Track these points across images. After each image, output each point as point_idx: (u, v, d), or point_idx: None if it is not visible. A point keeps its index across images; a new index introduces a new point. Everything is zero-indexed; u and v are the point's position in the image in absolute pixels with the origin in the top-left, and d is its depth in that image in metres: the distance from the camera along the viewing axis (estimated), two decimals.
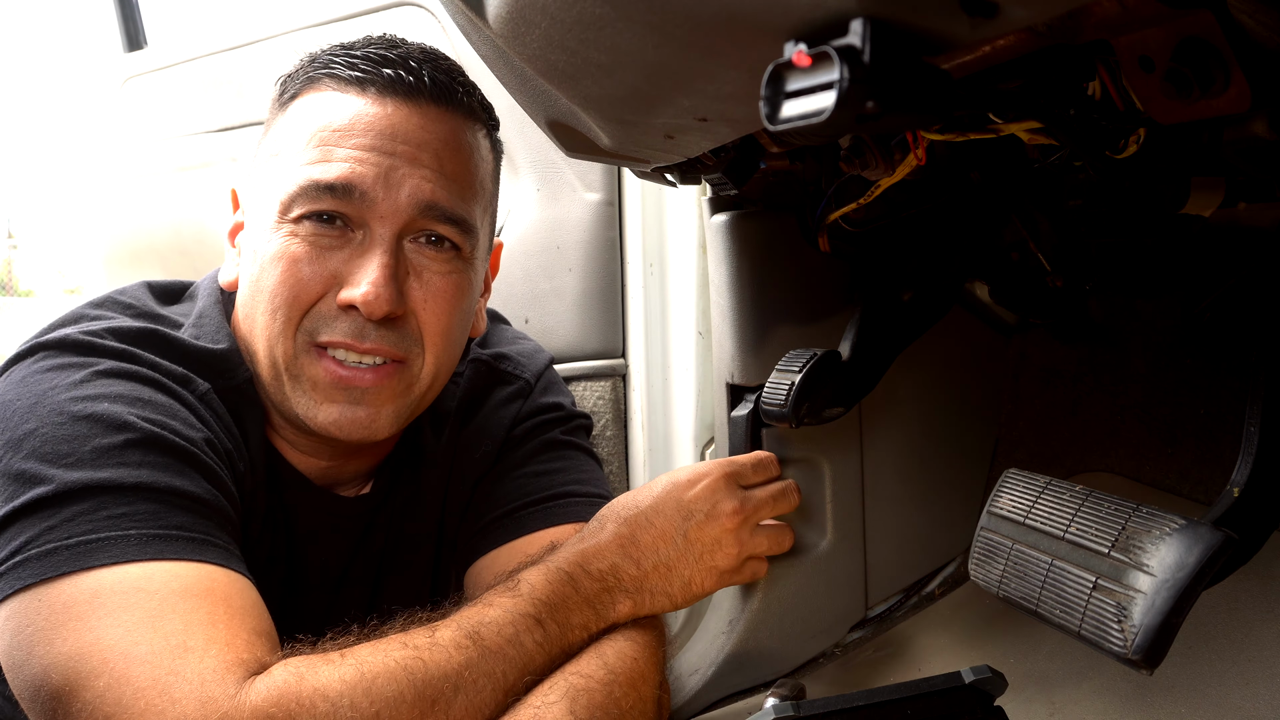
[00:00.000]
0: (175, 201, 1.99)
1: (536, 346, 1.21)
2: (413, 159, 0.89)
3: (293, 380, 0.90)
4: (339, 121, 0.89)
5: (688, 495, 0.94)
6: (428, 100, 0.91)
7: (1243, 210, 0.76)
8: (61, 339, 0.85)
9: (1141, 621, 0.54)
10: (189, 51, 2.01)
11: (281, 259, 0.88)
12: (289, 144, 0.91)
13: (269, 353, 0.90)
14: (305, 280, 0.88)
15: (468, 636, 0.77)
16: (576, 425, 1.14)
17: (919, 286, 1.07)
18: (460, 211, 0.92)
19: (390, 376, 0.91)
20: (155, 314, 0.96)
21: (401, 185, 0.88)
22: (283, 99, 0.96)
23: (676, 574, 0.92)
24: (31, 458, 0.75)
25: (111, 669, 0.67)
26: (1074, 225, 0.94)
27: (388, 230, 0.89)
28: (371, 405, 0.90)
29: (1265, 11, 0.43)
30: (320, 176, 0.87)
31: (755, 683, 1.10)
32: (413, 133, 0.90)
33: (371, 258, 0.88)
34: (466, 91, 0.96)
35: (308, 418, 0.90)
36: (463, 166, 0.93)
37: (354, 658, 0.72)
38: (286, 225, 0.89)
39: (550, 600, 0.82)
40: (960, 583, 1.15)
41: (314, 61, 0.95)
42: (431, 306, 0.92)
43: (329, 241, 0.89)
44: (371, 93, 0.90)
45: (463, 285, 0.95)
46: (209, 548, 0.76)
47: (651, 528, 0.92)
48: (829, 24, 0.41)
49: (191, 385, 0.88)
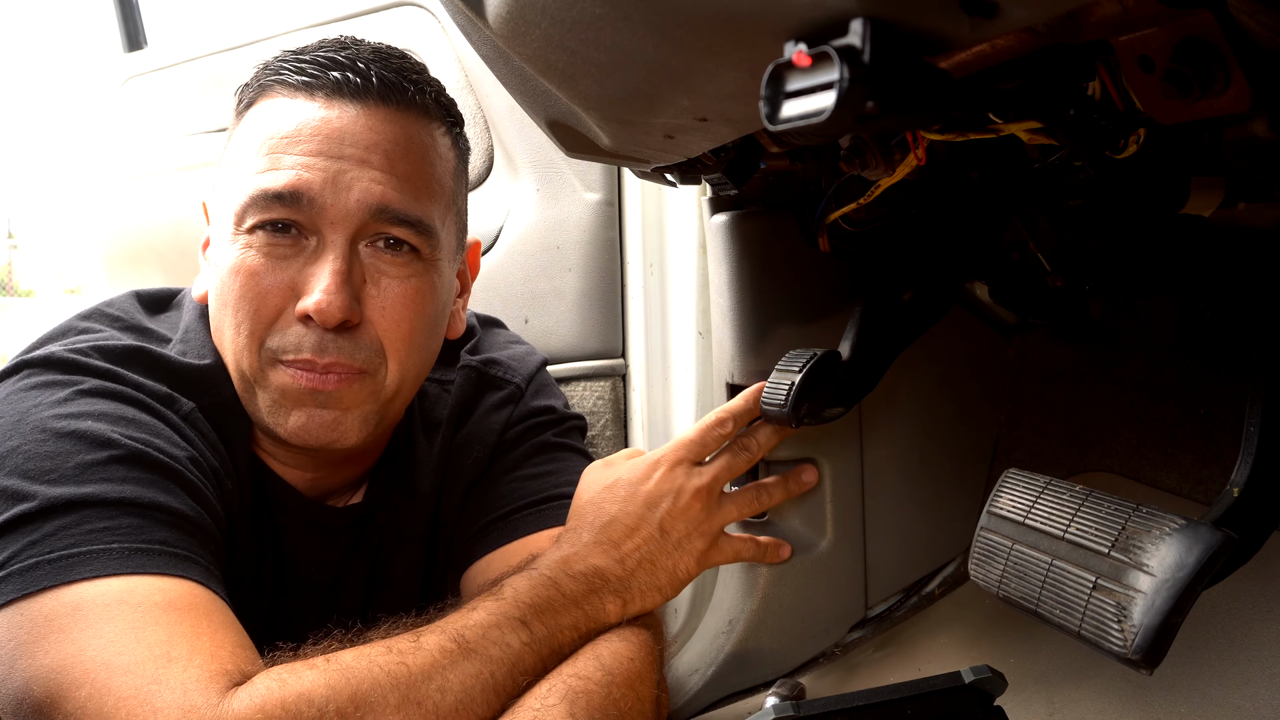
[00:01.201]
0: (175, 201, 1.99)
1: (529, 350, 1.20)
2: (361, 161, 0.88)
3: (262, 391, 0.90)
4: (286, 128, 0.88)
5: (648, 487, 0.95)
6: (376, 101, 0.90)
7: (1243, 210, 0.76)
8: (46, 357, 0.85)
9: (1141, 621, 0.54)
10: (189, 52, 2.01)
11: (239, 272, 0.88)
12: (242, 154, 0.91)
13: (236, 364, 0.90)
14: (264, 293, 0.87)
15: (452, 640, 0.76)
16: (569, 427, 1.14)
17: (919, 286, 1.07)
18: (415, 212, 0.90)
19: (353, 381, 0.90)
20: (142, 328, 0.95)
21: (350, 189, 0.87)
22: (239, 109, 0.96)
23: (660, 565, 0.92)
24: (14, 475, 0.75)
25: (93, 679, 0.66)
26: (1074, 225, 0.94)
27: (339, 236, 0.87)
28: (336, 408, 0.89)
29: (1265, 11, 0.43)
30: (269, 185, 0.86)
31: (755, 683, 1.10)
32: (360, 135, 0.89)
33: (324, 264, 0.87)
34: (418, 90, 0.94)
35: (276, 425, 0.89)
36: (416, 166, 0.92)
37: (338, 662, 0.72)
38: (242, 236, 0.88)
39: (534, 603, 0.82)
40: (960, 583, 1.15)
41: (266, 69, 0.94)
42: (390, 314, 0.90)
43: (284, 250, 0.88)
44: (319, 97, 0.89)
45: (424, 289, 0.93)
46: (191, 565, 0.76)
47: (624, 527, 0.92)
48: (829, 24, 0.41)
49: (176, 405, 0.87)
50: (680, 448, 0.98)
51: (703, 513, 0.95)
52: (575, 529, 0.93)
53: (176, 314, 1.00)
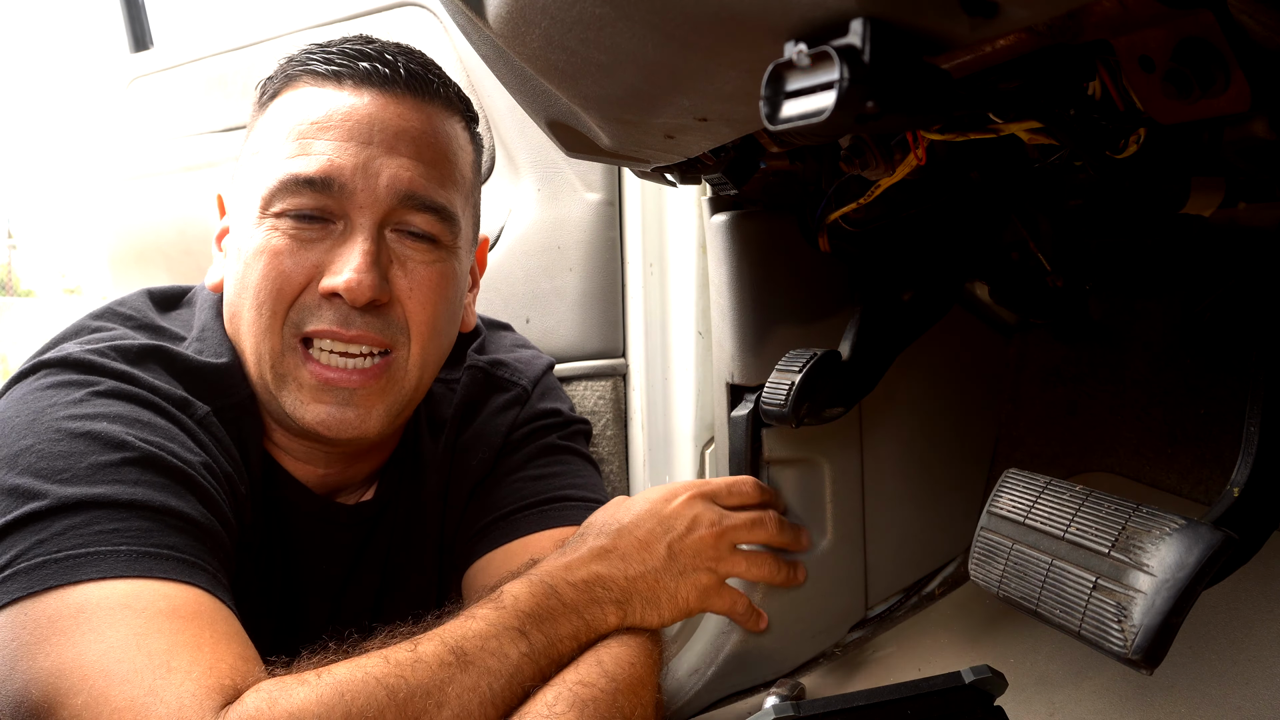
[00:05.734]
0: (181, 201, 1.99)
1: (535, 353, 1.21)
2: (390, 148, 0.89)
3: (279, 379, 0.90)
4: (316, 115, 0.90)
5: (666, 509, 0.94)
6: (404, 91, 0.92)
7: (1243, 210, 0.76)
8: (64, 358, 0.85)
9: (1141, 621, 0.54)
10: (194, 52, 2.01)
11: (264, 253, 0.88)
12: (269, 141, 0.92)
13: (256, 349, 0.90)
14: (288, 272, 0.88)
15: (450, 651, 0.75)
16: (574, 430, 1.14)
17: (919, 286, 1.07)
18: (440, 199, 0.92)
19: (377, 376, 0.90)
20: (156, 326, 0.96)
21: (380, 174, 0.89)
22: (263, 100, 0.97)
23: (663, 586, 0.91)
24: (27, 473, 0.75)
25: (90, 686, 0.66)
26: (1074, 225, 0.94)
27: (368, 219, 0.89)
28: (361, 406, 0.90)
29: (1265, 11, 0.43)
30: (299, 170, 0.87)
31: (755, 683, 1.10)
32: (390, 122, 0.90)
33: (353, 245, 0.88)
34: (443, 83, 0.96)
35: (296, 416, 0.90)
36: (441, 155, 0.93)
37: (331, 676, 0.70)
38: (268, 220, 0.89)
39: (534, 612, 0.81)
40: (960, 583, 1.15)
41: (291, 61, 0.95)
42: (417, 295, 0.92)
43: (311, 235, 0.89)
44: (348, 85, 0.91)
45: (447, 274, 0.95)
46: (199, 571, 0.76)
47: (632, 538, 0.91)
48: (829, 24, 0.41)
49: (191, 409, 0.87)
50: (706, 484, 0.99)
51: (714, 550, 0.95)
52: (583, 535, 0.93)
53: (189, 312, 1.00)
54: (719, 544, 0.95)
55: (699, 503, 0.96)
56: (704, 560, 0.94)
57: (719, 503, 0.98)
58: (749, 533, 0.99)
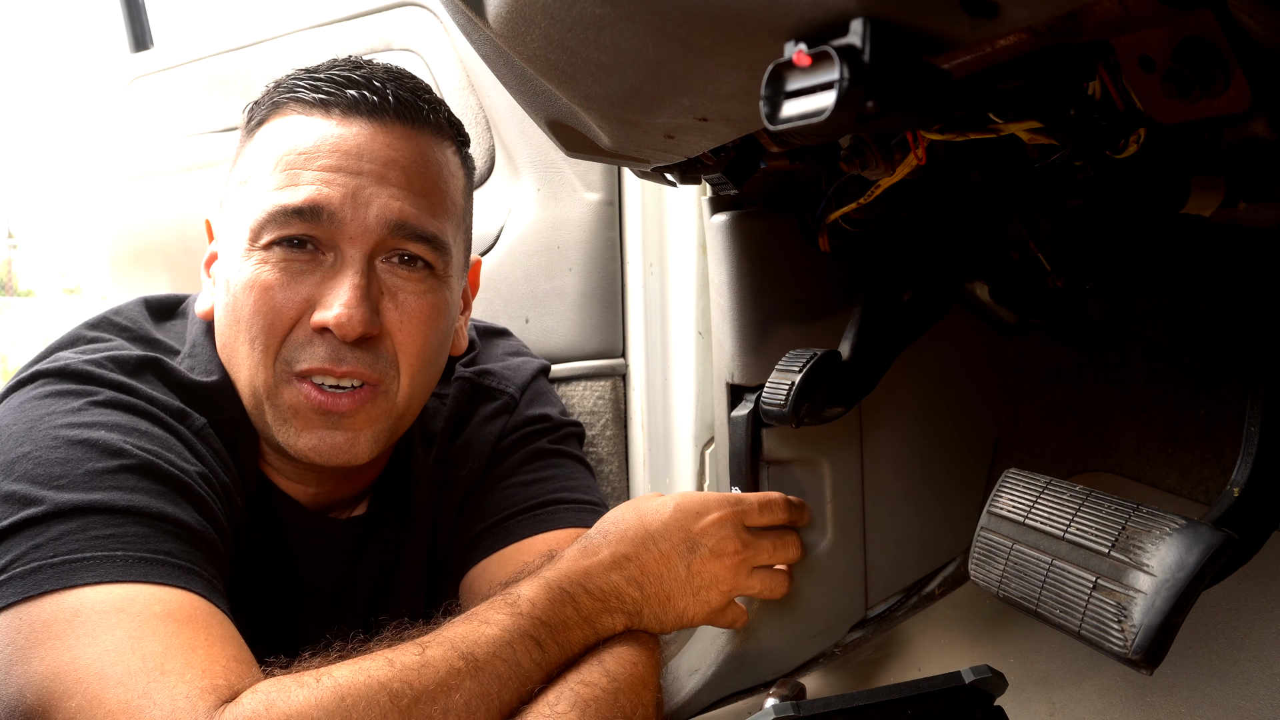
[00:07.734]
0: (181, 201, 2.00)
1: (525, 359, 1.20)
2: (380, 178, 0.88)
3: (273, 408, 0.90)
4: (304, 144, 0.89)
5: (696, 526, 0.93)
6: (393, 119, 0.91)
7: (1243, 210, 0.76)
8: (61, 368, 0.85)
9: (1141, 621, 0.54)
10: (194, 52, 2.01)
11: (254, 287, 0.88)
12: (256, 170, 0.91)
13: (250, 382, 0.90)
14: (279, 307, 0.87)
15: (461, 657, 0.73)
16: (566, 434, 1.14)
17: (919, 286, 1.07)
18: (431, 229, 0.91)
19: (366, 401, 0.90)
20: (151, 338, 0.95)
21: (370, 204, 0.88)
22: (250, 126, 0.95)
23: (674, 603, 0.90)
24: (23, 480, 0.75)
25: (85, 690, 0.66)
26: (1074, 225, 0.94)
27: (358, 251, 0.88)
28: (350, 430, 0.90)
29: (1265, 11, 0.43)
30: (287, 201, 0.87)
31: (755, 683, 1.10)
32: (379, 151, 0.89)
33: (343, 279, 0.87)
34: (432, 109, 0.95)
35: (288, 444, 0.90)
36: (431, 183, 0.92)
37: (331, 679, 0.69)
38: (257, 252, 0.88)
39: (551, 621, 0.80)
40: (960, 583, 1.15)
41: (278, 87, 0.94)
42: (407, 328, 0.91)
43: (300, 266, 0.88)
44: (336, 114, 0.90)
45: (439, 305, 0.94)
46: (194, 577, 0.75)
47: (656, 551, 0.90)
48: (829, 24, 0.41)
49: (188, 420, 0.87)
50: (740, 502, 0.97)
51: (731, 573, 0.94)
52: (605, 533, 0.90)
53: (182, 323, 1.00)
54: (738, 571, 0.95)
55: (728, 526, 0.94)
56: (720, 585, 0.93)
57: (749, 522, 0.97)
58: (770, 557, 0.99)
